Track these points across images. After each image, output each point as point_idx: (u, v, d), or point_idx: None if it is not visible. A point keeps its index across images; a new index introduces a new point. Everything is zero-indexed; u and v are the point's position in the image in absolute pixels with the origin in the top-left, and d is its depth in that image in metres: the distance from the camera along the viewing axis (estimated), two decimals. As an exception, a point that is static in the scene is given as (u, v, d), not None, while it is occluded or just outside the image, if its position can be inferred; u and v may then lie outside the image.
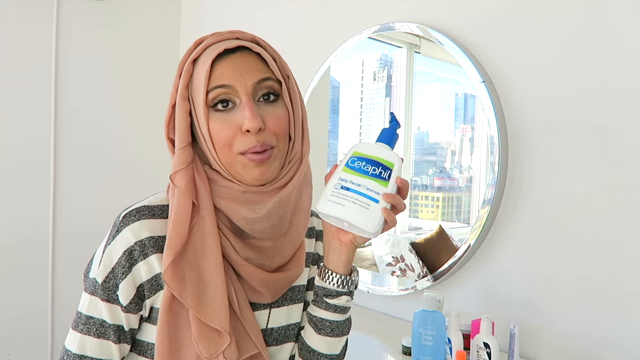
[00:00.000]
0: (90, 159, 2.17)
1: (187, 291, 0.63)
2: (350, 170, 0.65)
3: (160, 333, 0.63)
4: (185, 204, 0.64)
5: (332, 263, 0.69)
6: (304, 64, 1.74)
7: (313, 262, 0.82)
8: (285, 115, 0.66)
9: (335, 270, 0.69)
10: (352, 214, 0.62)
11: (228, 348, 0.63)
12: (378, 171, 0.64)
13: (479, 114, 1.30)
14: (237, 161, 0.64)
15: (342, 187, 0.64)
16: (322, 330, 0.71)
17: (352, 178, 0.64)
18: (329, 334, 0.71)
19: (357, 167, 0.65)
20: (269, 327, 0.73)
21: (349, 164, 0.65)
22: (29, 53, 2.01)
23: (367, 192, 0.63)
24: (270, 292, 0.70)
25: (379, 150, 0.66)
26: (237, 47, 0.65)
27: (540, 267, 1.17)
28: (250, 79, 0.63)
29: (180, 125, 0.65)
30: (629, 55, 1.04)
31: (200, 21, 2.34)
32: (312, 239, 0.82)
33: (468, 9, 1.31)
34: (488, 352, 0.96)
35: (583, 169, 1.10)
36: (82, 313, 0.65)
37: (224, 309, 0.63)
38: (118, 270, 0.64)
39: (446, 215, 1.44)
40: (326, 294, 0.70)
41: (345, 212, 0.62)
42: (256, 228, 0.66)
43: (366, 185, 0.63)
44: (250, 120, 0.61)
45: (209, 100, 0.64)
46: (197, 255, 0.65)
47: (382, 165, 0.64)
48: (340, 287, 0.69)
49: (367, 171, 0.64)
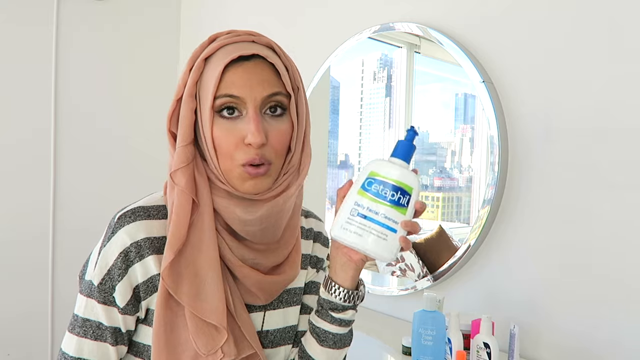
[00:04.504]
0: (90, 158, 2.17)
1: (183, 288, 0.63)
2: (367, 195, 0.62)
3: (157, 331, 0.63)
4: (185, 202, 0.64)
5: (340, 278, 0.68)
6: (304, 64, 1.74)
7: (312, 264, 0.81)
8: (288, 129, 0.66)
9: (343, 285, 0.68)
10: (369, 245, 0.61)
11: (226, 343, 0.63)
12: (397, 197, 0.61)
13: (479, 114, 1.30)
14: (236, 171, 0.64)
15: (358, 214, 0.62)
16: (324, 342, 0.71)
17: (369, 204, 0.62)
18: (331, 346, 0.71)
19: (374, 191, 0.62)
20: (264, 330, 0.73)
21: (366, 186, 0.63)
22: (29, 52, 2.01)
23: (385, 222, 0.61)
24: (264, 294, 0.69)
25: (398, 171, 0.62)
26: (251, 55, 0.63)
27: (540, 267, 1.17)
28: (260, 92, 0.62)
29: (184, 123, 0.65)
30: (629, 55, 1.04)
31: (200, 21, 2.34)
32: (309, 240, 0.81)
33: (468, 9, 1.31)
34: (488, 352, 0.96)
35: (583, 168, 1.10)
36: (79, 316, 0.65)
37: (220, 305, 0.63)
38: (114, 272, 0.64)
39: (446, 215, 1.44)
40: (332, 308, 0.69)
41: (362, 243, 0.61)
42: (249, 230, 0.66)
43: (384, 213, 0.61)
44: (255, 136, 0.61)
45: (215, 105, 0.63)
46: (194, 252, 0.64)
47: (401, 190, 0.61)
48: (347, 302, 0.68)
49: (385, 197, 0.61)
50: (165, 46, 2.40)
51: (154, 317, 0.64)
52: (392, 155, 0.64)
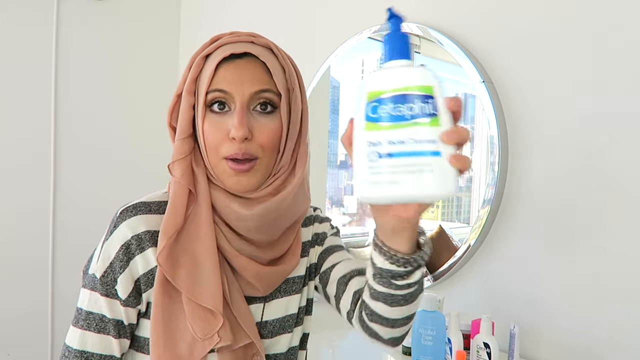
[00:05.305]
0: (90, 158, 2.17)
1: (180, 274, 0.64)
2: (378, 125, 0.45)
3: (155, 318, 0.64)
4: (181, 192, 0.66)
5: (395, 243, 0.55)
6: (304, 64, 1.74)
7: (314, 244, 0.81)
8: (277, 128, 0.66)
9: (401, 251, 0.55)
10: (414, 189, 0.44)
11: (222, 328, 0.64)
12: (418, 108, 0.44)
13: (479, 114, 1.30)
14: (221, 165, 0.65)
15: (379, 155, 0.44)
16: (394, 303, 0.62)
17: (387, 136, 0.44)
18: (403, 304, 0.62)
19: (385, 115, 0.45)
20: (263, 320, 0.73)
21: (371, 114, 0.46)
22: (29, 52, 2.01)
23: (419, 148, 0.43)
24: (263, 285, 0.70)
25: (402, 74, 0.45)
26: (244, 53, 0.65)
27: (540, 267, 1.17)
28: (249, 88, 0.64)
29: (183, 118, 0.67)
30: (629, 55, 1.04)
31: (200, 21, 2.35)
32: (309, 226, 0.82)
33: (468, 9, 1.31)
34: (488, 352, 0.96)
35: (583, 168, 1.10)
36: (82, 309, 0.66)
37: (217, 290, 0.64)
38: (116, 265, 0.65)
39: (446, 215, 1.44)
40: (394, 276, 0.58)
41: (403, 191, 0.44)
42: (245, 225, 0.66)
43: (413, 137, 0.44)
44: (237, 129, 0.62)
45: (207, 100, 0.65)
46: (192, 240, 0.66)
47: (419, 97, 0.44)
48: (409, 267, 0.57)
49: (402, 116, 0.44)
50: (165, 46, 2.40)
51: (152, 305, 0.65)
52: (386, 60, 0.48)
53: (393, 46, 0.47)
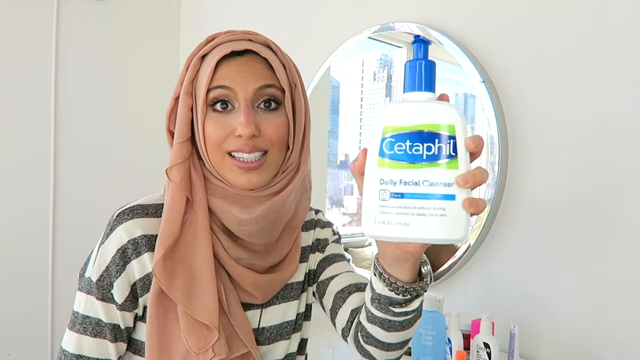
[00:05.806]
0: (90, 158, 2.17)
1: (176, 286, 0.63)
2: (393, 163, 0.42)
3: (150, 328, 0.63)
4: (179, 198, 0.64)
5: (396, 271, 0.55)
6: (304, 64, 1.74)
7: (314, 250, 0.80)
8: (284, 124, 0.65)
9: (401, 280, 0.55)
10: (424, 233, 0.42)
11: (217, 343, 0.63)
12: (436, 148, 0.41)
13: (479, 114, 1.30)
14: (225, 162, 0.64)
15: (391, 195, 0.42)
16: (392, 328, 0.61)
17: (401, 175, 0.42)
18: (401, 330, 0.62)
19: (401, 153, 0.42)
20: (260, 327, 0.73)
21: (385, 150, 0.42)
22: (29, 52, 2.01)
23: (433, 191, 0.41)
24: (260, 293, 0.69)
25: (424, 110, 0.42)
26: (245, 50, 0.64)
27: (540, 267, 1.17)
28: (252, 84, 0.63)
29: (181, 121, 0.65)
30: (630, 55, 1.04)
31: (200, 20, 2.34)
32: (310, 230, 0.81)
33: (468, 9, 1.31)
34: (488, 352, 0.96)
35: (583, 168, 1.10)
36: (79, 313, 0.65)
37: (213, 304, 0.63)
38: (112, 269, 0.64)
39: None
40: (392, 303, 0.57)
41: (413, 234, 0.42)
42: (245, 229, 0.65)
43: (427, 179, 0.41)
44: (244, 127, 0.61)
45: (208, 99, 0.63)
46: (188, 250, 0.65)
47: (439, 136, 0.41)
48: (409, 296, 0.56)
49: (420, 156, 0.41)
50: (165, 46, 2.40)
51: (147, 314, 0.64)
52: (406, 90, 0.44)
53: (417, 75, 0.43)
